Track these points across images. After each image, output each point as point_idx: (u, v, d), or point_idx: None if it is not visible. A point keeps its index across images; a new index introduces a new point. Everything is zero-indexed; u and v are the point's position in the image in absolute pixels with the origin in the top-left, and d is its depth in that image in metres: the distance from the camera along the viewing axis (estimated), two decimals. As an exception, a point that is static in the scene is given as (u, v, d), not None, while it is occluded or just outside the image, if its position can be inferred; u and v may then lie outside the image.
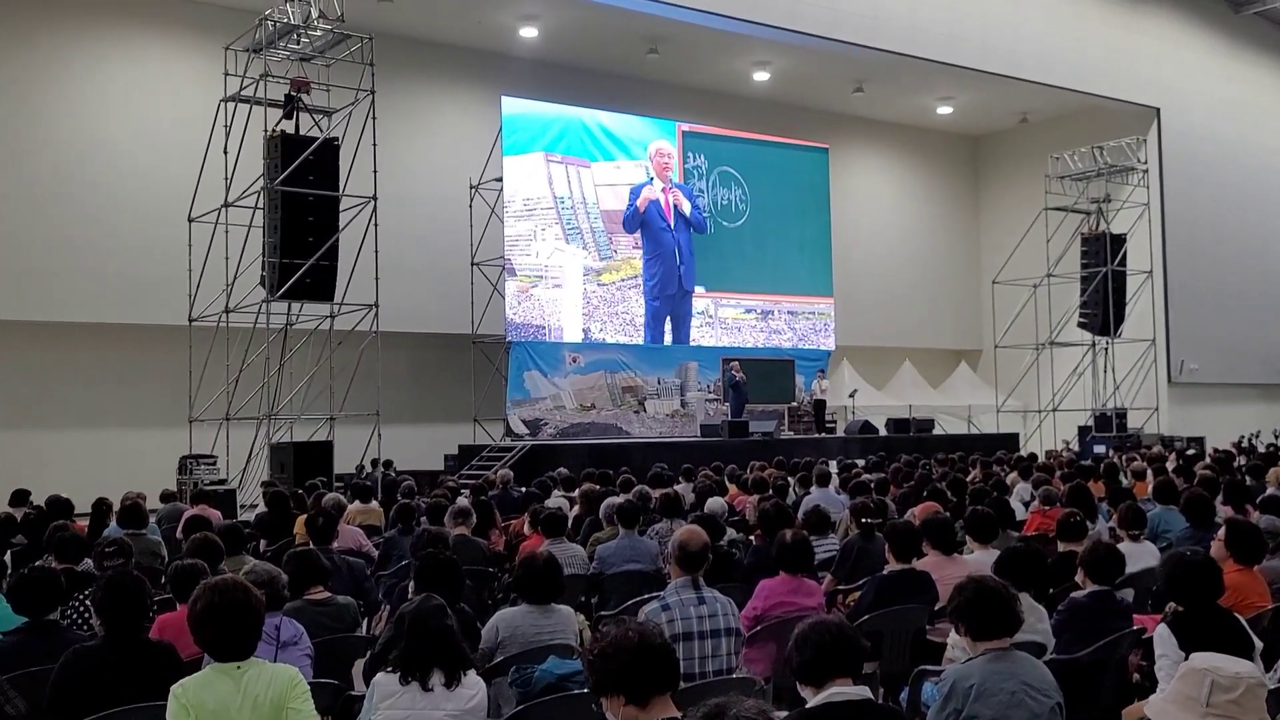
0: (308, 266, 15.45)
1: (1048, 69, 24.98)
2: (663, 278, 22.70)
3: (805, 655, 3.55)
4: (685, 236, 23.12)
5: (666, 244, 22.83)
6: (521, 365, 20.85)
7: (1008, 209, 29.23)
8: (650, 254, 22.61)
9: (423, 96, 22.18)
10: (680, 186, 23.14)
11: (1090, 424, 24.61)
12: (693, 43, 22.80)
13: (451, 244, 21.03)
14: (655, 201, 22.70)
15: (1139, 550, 7.24)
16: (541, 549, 6.29)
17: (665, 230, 22.81)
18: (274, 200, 15.66)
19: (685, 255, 23.07)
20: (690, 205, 23.18)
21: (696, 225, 23.34)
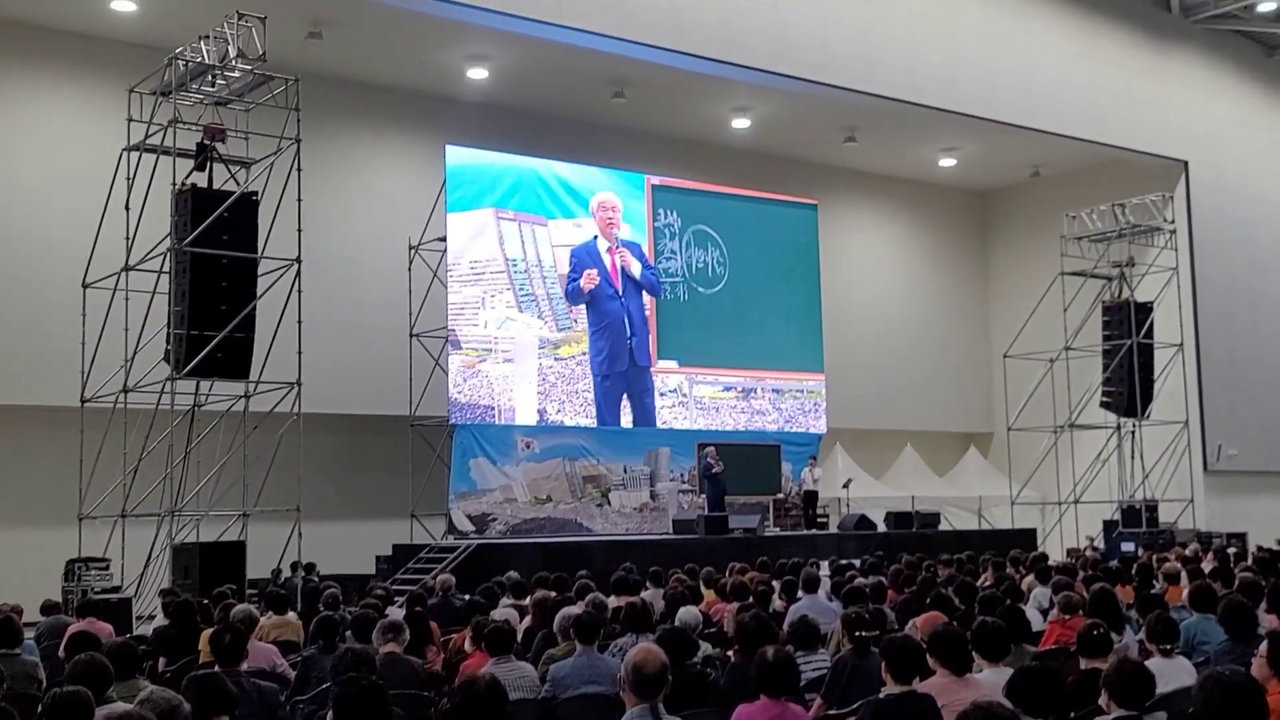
0: (220, 339, 15.39)
1: (1063, 118, 25.50)
2: (610, 352, 22.62)
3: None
4: (636, 303, 23.15)
5: (614, 313, 22.80)
6: (467, 452, 20.75)
7: (1020, 274, 29.60)
8: (595, 325, 22.57)
9: (355, 145, 22.33)
10: (629, 245, 23.26)
11: (1117, 518, 24.67)
12: (664, 86, 23.12)
13: (387, 313, 21.02)
14: (598, 263, 22.73)
15: (1172, 667, 7.21)
16: (484, 670, 6.22)
17: (612, 298, 22.83)
18: (182, 263, 15.63)
19: (637, 325, 23.06)
20: (640, 266, 23.24)
21: (649, 288, 23.37)
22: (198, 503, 16.18)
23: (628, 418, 22.79)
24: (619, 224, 23.15)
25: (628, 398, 22.86)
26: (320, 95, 19.42)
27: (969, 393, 30.45)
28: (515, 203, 21.91)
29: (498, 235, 21.63)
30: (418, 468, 20.57)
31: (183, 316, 15.55)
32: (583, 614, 8.35)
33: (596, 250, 22.78)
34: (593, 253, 22.72)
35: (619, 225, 23.15)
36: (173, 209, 15.97)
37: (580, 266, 22.45)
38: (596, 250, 22.78)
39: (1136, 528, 23.67)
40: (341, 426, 21.28)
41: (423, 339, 20.85)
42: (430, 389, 20.67)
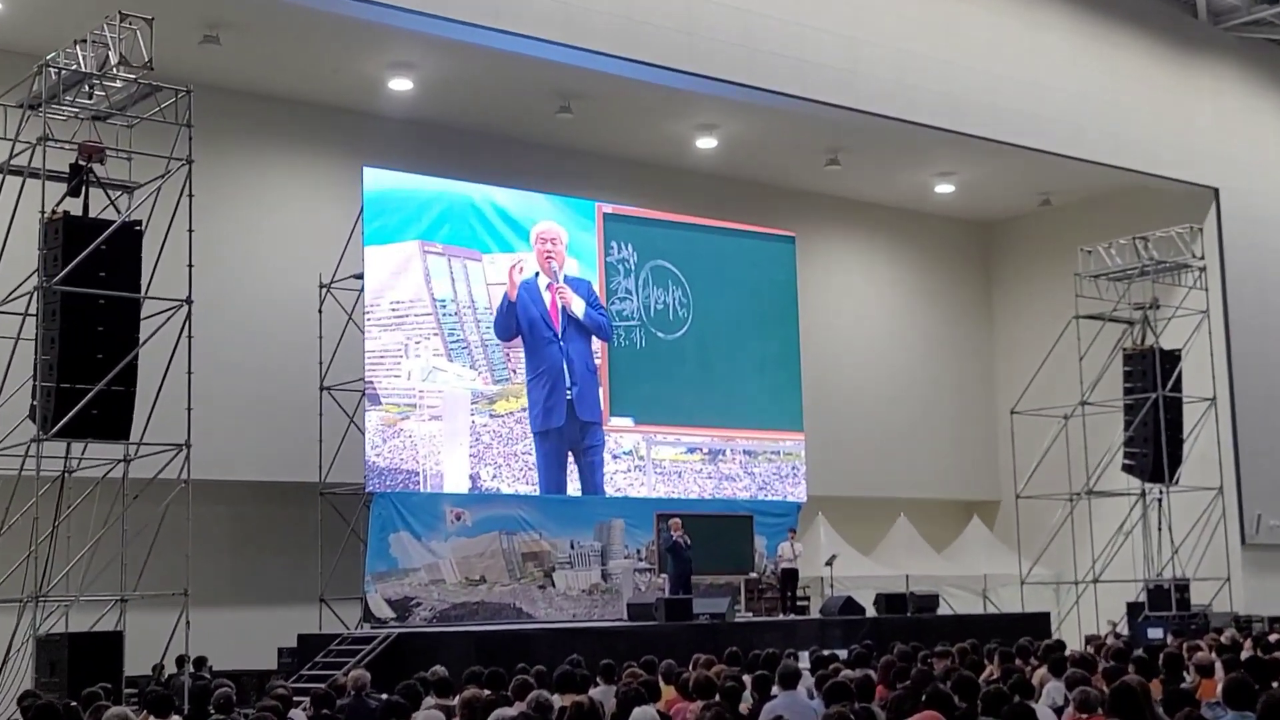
0: (96, 393, 15.17)
1: (1076, 139, 25.83)
2: (546, 405, 22.58)
3: None
4: (579, 348, 23.13)
5: (551, 359, 22.77)
6: (386, 525, 20.57)
7: (1029, 317, 29.93)
8: (531, 373, 22.54)
9: (257, 167, 22.30)
10: (573, 281, 23.25)
11: (1142, 600, 24.76)
12: (617, 100, 23.28)
13: (293, 362, 20.95)
14: (537, 303, 22.75)
15: (1205, 775, 7.23)
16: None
17: (550, 341, 22.80)
18: (52, 304, 15.42)
19: (580, 374, 23.00)
20: (585, 304, 23.26)
21: (597, 331, 23.38)
22: (67, 586, 15.87)
23: (575, 484, 22.72)
24: (561, 258, 23.15)
25: (573, 459, 22.81)
26: (216, 109, 19.40)
27: (971, 455, 30.62)
28: (445, 234, 21.90)
29: (424, 272, 21.58)
30: (328, 544, 20.38)
31: (51, 367, 15.31)
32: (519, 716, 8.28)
33: (535, 287, 22.77)
34: (531, 290, 22.71)
35: (561, 260, 23.16)
36: (41, 241, 15.71)
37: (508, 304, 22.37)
38: (535, 287, 22.77)
39: (1165, 611, 23.74)
40: (238, 495, 21.13)
41: (335, 393, 20.71)
42: (344, 451, 20.50)
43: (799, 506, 25.38)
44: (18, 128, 16.10)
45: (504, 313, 22.32)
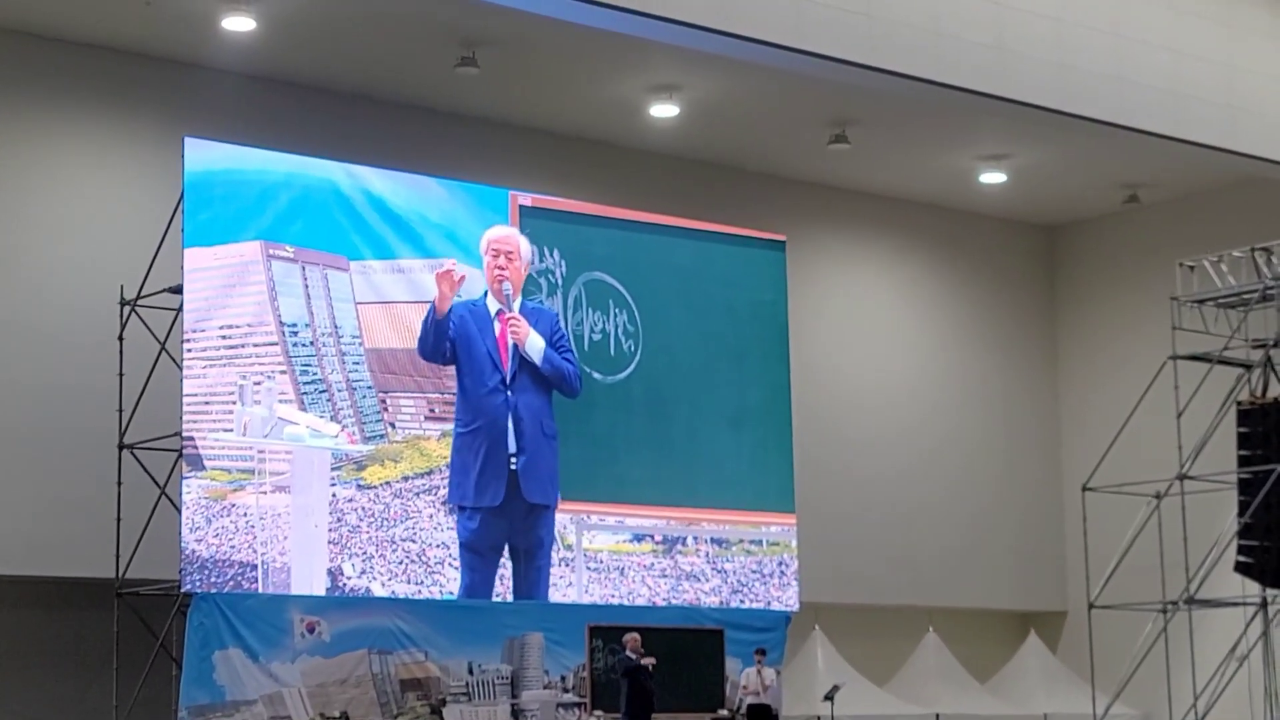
0: None
1: (1177, 113, 25.75)
2: (481, 475, 22.54)
3: None
4: (535, 402, 23.17)
5: (493, 412, 22.79)
6: (210, 640, 20.23)
7: (1107, 356, 30.25)
8: (463, 426, 22.58)
9: (31, 136, 21.95)
10: (535, 311, 23.31)
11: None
12: (541, 49, 23.19)
13: (80, 410, 20.76)
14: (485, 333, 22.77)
15: None
16: None
17: (494, 390, 22.86)
18: None
19: (529, 436, 23.01)
20: (548, 343, 23.25)
21: (559, 382, 23.39)
22: None
23: (506, 585, 22.78)
24: (519, 279, 23.17)
25: (511, 553, 22.83)
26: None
27: (1028, 548, 30.80)
28: (297, 232, 21.73)
29: (268, 284, 21.42)
30: (129, 665, 20.18)
31: None
32: None
33: (485, 312, 22.84)
34: (479, 315, 22.79)
35: (519, 281, 23.18)
36: None
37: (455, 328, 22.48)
38: (485, 312, 22.84)
39: (1296, 768, 23.91)
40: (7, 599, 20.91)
41: (139, 452, 20.53)
42: (151, 535, 20.33)
43: (788, 617, 25.31)
44: None
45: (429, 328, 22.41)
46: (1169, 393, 25.95)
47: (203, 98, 22.77)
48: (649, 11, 21.48)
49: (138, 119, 22.58)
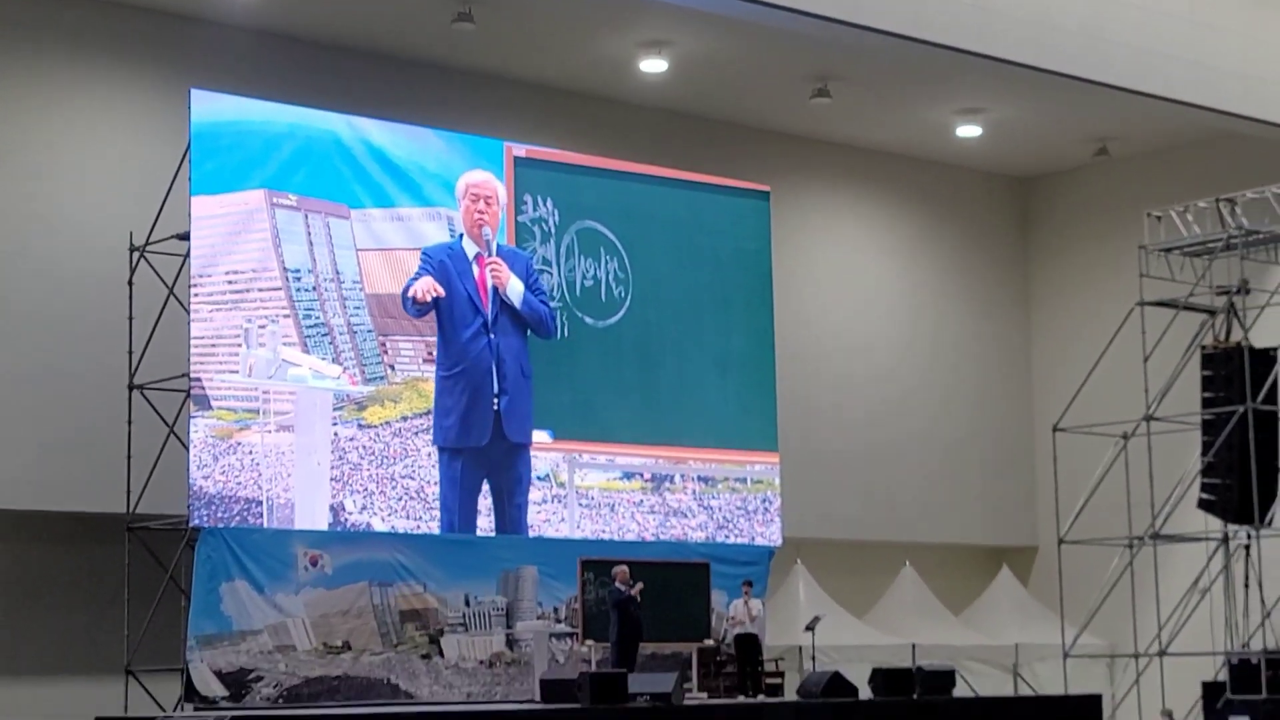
0: None
1: (1146, 68, 25.64)
2: (464, 416, 22.55)
3: None
4: (514, 344, 23.10)
5: (475, 356, 22.74)
6: (217, 572, 20.26)
7: (1078, 302, 30.26)
8: (445, 370, 22.51)
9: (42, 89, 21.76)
10: (509, 253, 23.19)
11: (1223, 678, 24.96)
12: (535, 6, 23.09)
13: (91, 352, 20.71)
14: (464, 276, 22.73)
15: None
16: None
17: (477, 334, 22.82)
18: None
19: (511, 377, 22.98)
20: (525, 287, 23.24)
21: (536, 324, 23.33)
22: None
23: (489, 519, 22.72)
24: (495, 222, 23.06)
25: (490, 491, 22.78)
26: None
27: (1001, 486, 30.90)
28: (300, 181, 21.68)
29: (271, 231, 21.37)
30: (138, 597, 20.15)
31: None
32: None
33: (462, 255, 22.76)
34: (457, 258, 22.70)
35: (495, 224, 23.06)
36: None
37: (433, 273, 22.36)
38: (462, 255, 22.76)
39: (1254, 693, 23.88)
40: (14, 531, 20.92)
41: (149, 393, 20.51)
42: (160, 472, 20.31)
43: (771, 552, 25.39)
44: None
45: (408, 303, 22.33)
46: (1136, 337, 25.99)
47: (208, 52, 22.64)
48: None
49: (146, 72, 22.46)
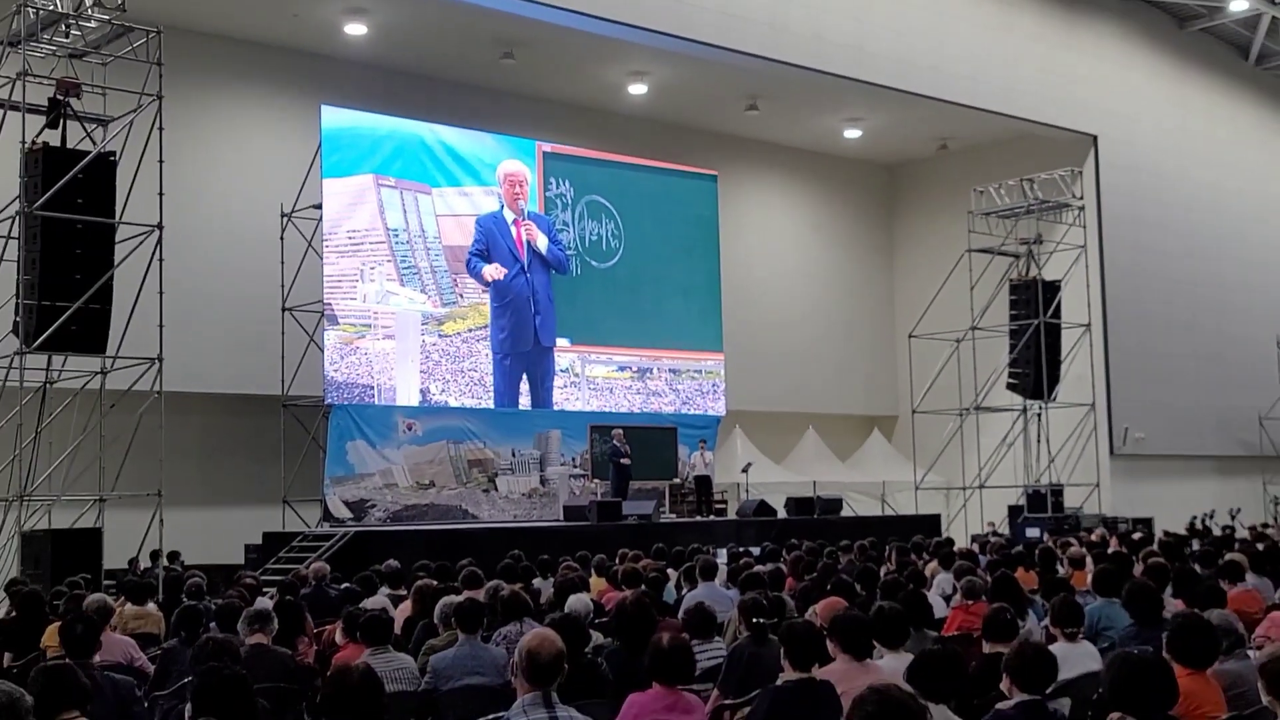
0: (74, 310, 14.97)
1: (972, 89, 25.88)
2: (514, 331, 22.59)
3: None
4: (543, 279, 23.14)
5: (518, 290, 22.76)
6: (344, 434, 20.50)
7: (926, 250, 30.05)
8: (498, 302, 22.52)
9: (223, 104, 21.90)
10: (536, 217, 23.18)
11: (1022, 503, 25.21)
12: (556, 48, 23.03)
13: (257, 285, 20.67)
14: (505, 235, 22.69)
15: (1076, 652, 7.38)
16: (359, 660, 6.14)
17: (518, 274, 22.75)
18: (33, 228, 15.17)
19: (542, 303, 23.03)
20: (549, 241, 23.23)
21: (557, 265, 23.36)
22: (49, 486, 15.75)
23: (526, 399, 22.74)
24: (526, 196, 23.04)
25: (528, 379, 22.81)
26: (185, 49, 19.02)
27: (873, 374, 30.90)
28: (397, 169, 21.67)
29: (378, 203, 21.37)
30: (290, 451, 20.28)
31: (33, 285, 15.09)
32: (465, 601, 8.30)
33: (503, 221, 22.73)
34: (499, 223, 22.67)
35: (526, 198, 23.04)
36: (22, 169, 15.45)
37: (486, 237, 22.38)
38: (503, 221, 22.73)
39: (1042, 513, 24.20)
40: (207, 406, 20.93)
41: (296, 313, 20.52)
42: (304, 367, 20.36)
43: (718, 420, 25.57)
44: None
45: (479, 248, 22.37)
46: (965, 273, 26.07)
47: (333, 79, 22.55)
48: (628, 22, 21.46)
49: (291, 94, 22.45)
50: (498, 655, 7.76)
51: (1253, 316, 30.09)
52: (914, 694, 4.27)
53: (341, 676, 5.21)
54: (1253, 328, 29.87)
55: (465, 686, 7.45)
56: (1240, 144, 31.12)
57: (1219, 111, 30.82)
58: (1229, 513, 25.62)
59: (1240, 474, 29.38)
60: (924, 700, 4.31)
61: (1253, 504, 28.20)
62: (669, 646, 6.15)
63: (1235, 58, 31.18)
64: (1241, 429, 29.48)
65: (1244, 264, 30.57)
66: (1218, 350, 29.48)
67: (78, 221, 15.26)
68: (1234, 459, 29.61)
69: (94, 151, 15.59)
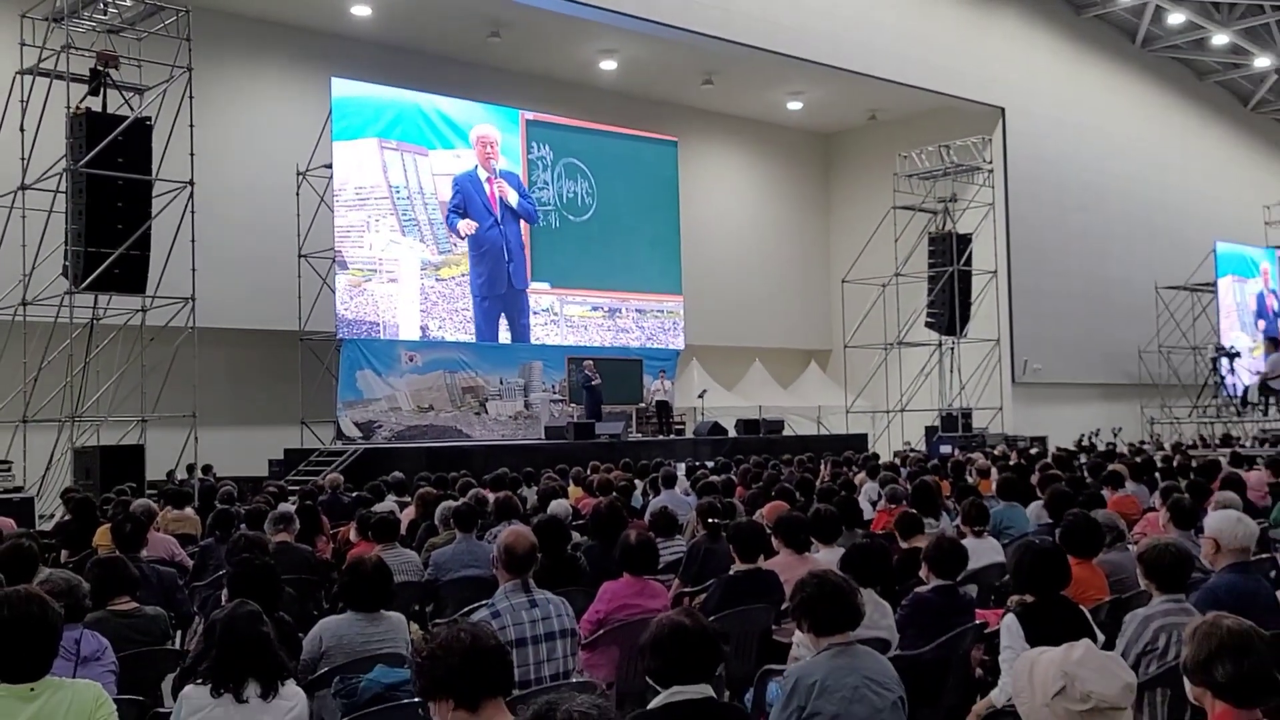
0: (116, 256, 14.82)
1: (898, 66, 25.75)
2: (489, 276, 22.35)
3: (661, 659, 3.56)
4: (514, 230, 22.89)
5: (494, 240, 22.49)
6: (354, 364, 20.41)
7: (857, 207, 29.97)
8: (476, 250, 22.26)
9: (245, 76, 21.58)
10: (507, 175, 22.87)
11: (937, 424, 25.43)
12: (537, 28, 22.75)
13: (276, 234, 20.38)
14: (480, 192, 22.41)
15: (982, 546, 7.51)
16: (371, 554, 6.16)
17: (491, 226, 22.50)
18: (78, 184, 14.97)
19: (514, 251, 22.78)
20: (518, 195, 22.96)
21: (526, 217, 23.11)
22: (98, 409, 15.70)
23: (505, 335, 22.64)
24: (497, 156, 22.71)
25: (505, 317, 22.66)
26: (211, 28, 18.75)
27: (811, 314, 30.93)
28: (398, 134, 21.38)
29: (381, 164, 21.12)
30: (307, 379, 20.19)
31: (80, 234, 14.92)
32: (461, 505, 8.34)
33: (477, 179, 22.41)
34: (474, 181, 22.35)
35: (497, 157, 22.72)
36: (68, 131, 15.24)
37: (462, 194, 22.08)
38: (477, 179, 22.41)
39: (953, 432, 24.41)
40: (234, 340, 20.78)
41: (310, 259, 20.33)
42: (318, 306, 20.20)
43: (677, 353, 25.55)
44: (45, 38, 15.50)
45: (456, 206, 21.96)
46: (891, 227, 26.02)
47: (342, 55, 22.19)
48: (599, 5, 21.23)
49: (304, 67, 22.07)
50: (490, 551, 7.78)
51: (1134, 263, 30.27)
52: (847, 578, 4.34)
53: (357, 567, 5.26)
54: (1134, 273, 30.05)
55: (462, 577, 7.51)
56: (1126, 116, 31.13)
57: (1109, 87, 30.79)
58: (1112, 431, 25.89)
59: (1121, 399, 29.69)
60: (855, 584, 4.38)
61: (1132, 424, 28.52)
62: (637, 543, 6.22)
63: (1124, 41, 31.13)
64: (1123, 360, 29.75)
65: (1128, 219, 30.70)
66: (1104, 293, 29.67)
67: (118, 178, 15.06)
68: (1116, 386, 29.90)
69: (131, 117, 15.35)
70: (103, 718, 3.60)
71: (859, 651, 4.16)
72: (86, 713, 3.57)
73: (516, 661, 4.80)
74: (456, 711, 3.07)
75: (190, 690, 3.95)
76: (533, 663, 4.99)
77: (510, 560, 5.16)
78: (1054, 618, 4.79)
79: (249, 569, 4.99)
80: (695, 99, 27.84)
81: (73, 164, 15.01)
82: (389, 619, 5.21)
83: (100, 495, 11.95)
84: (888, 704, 4.06)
